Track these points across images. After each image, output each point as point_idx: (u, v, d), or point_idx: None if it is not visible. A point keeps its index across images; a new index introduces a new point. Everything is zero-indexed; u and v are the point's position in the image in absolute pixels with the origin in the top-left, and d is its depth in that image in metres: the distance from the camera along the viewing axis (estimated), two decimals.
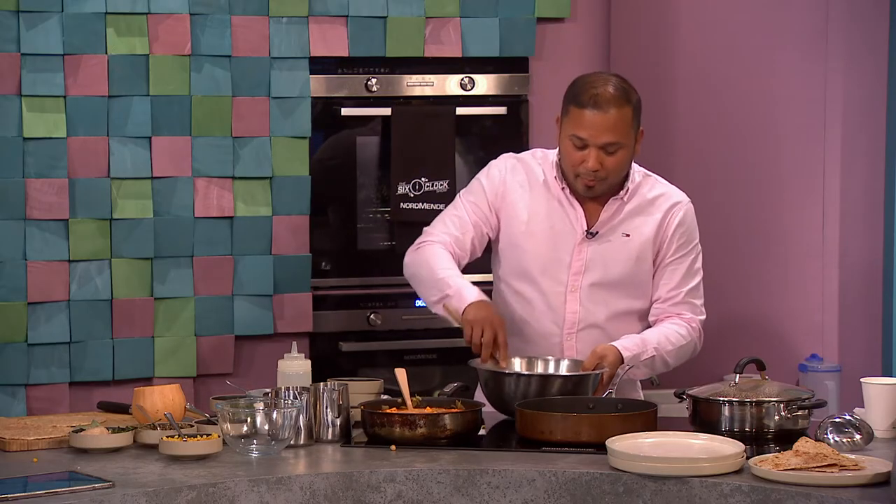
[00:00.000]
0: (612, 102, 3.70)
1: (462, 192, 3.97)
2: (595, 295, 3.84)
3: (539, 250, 3.84)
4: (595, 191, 3.80)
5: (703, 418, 3.36)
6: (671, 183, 3.95)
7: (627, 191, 3.84)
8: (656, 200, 3.88)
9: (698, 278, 3.91)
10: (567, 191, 3.83)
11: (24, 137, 4.43)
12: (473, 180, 3.96)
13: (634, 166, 3.88)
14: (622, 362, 3.69)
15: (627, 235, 3.85)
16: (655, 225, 3.86)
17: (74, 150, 4.48)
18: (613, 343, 3.74)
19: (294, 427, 3.27)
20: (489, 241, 3.94)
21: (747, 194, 5.07)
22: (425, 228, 3.95)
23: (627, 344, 3.75)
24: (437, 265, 3.81)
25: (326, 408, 3.39)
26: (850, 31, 4.93)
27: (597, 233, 3.83)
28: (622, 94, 3.72)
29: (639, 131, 3.79)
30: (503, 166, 3.93)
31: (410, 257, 3.91)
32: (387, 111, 4.78)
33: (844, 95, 4.93)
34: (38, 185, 4.45)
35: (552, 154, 3.89)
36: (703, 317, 3.92)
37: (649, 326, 3.89)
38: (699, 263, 3.92)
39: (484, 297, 3.74)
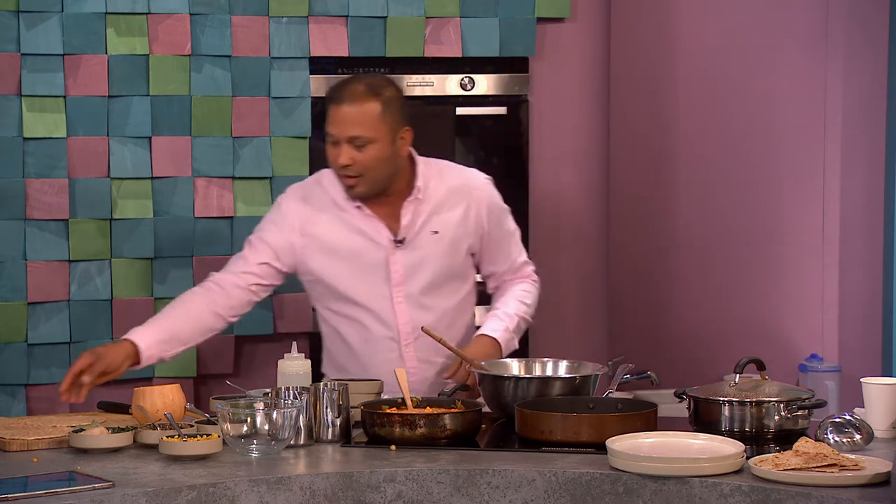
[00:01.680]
0: (356, 97, 3.73)
1: (256, 229, 3.93)
2: (423, 300, 3.87)
3: (352, 271, 3.83)
4: (357, 191, 3.79)
5: (703, 418, 3.36)
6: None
7: (418, 189, 3.84)
8: (456, 191, 3.91)
9: (518, 235, 4.04)
10: (363, 207, 3.84)
11: (24, 137, 4.43)
12: (263, 220, 3.93)
13: (419, 162, 3.88)
14: (499, 347, 3.81)
15: (436, 233, 3.86)
16: (461, 215, 3.89)
17: (74, 150, 4.48)
18: (482, 333, 3.84)
19: (294, 427, 3.27)
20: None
21: (747, 194, 5.06)
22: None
23: (494, 326, 3.86)
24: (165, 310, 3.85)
25: (326, 408, 3.39)
26: (850, 30, 4.93)
27: (404, 239, 3.84)
28: (369, 90, 3.74)
29: (401, 129, 3.79)
30: (292, 201, 3.90)
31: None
32: None
33: (844, 95, 4.93)
34: (38, 185, 4.45)
35: None
36: (533, 266, 4.06)
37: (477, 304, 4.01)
38: (513, 222, 4.02)
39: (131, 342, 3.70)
